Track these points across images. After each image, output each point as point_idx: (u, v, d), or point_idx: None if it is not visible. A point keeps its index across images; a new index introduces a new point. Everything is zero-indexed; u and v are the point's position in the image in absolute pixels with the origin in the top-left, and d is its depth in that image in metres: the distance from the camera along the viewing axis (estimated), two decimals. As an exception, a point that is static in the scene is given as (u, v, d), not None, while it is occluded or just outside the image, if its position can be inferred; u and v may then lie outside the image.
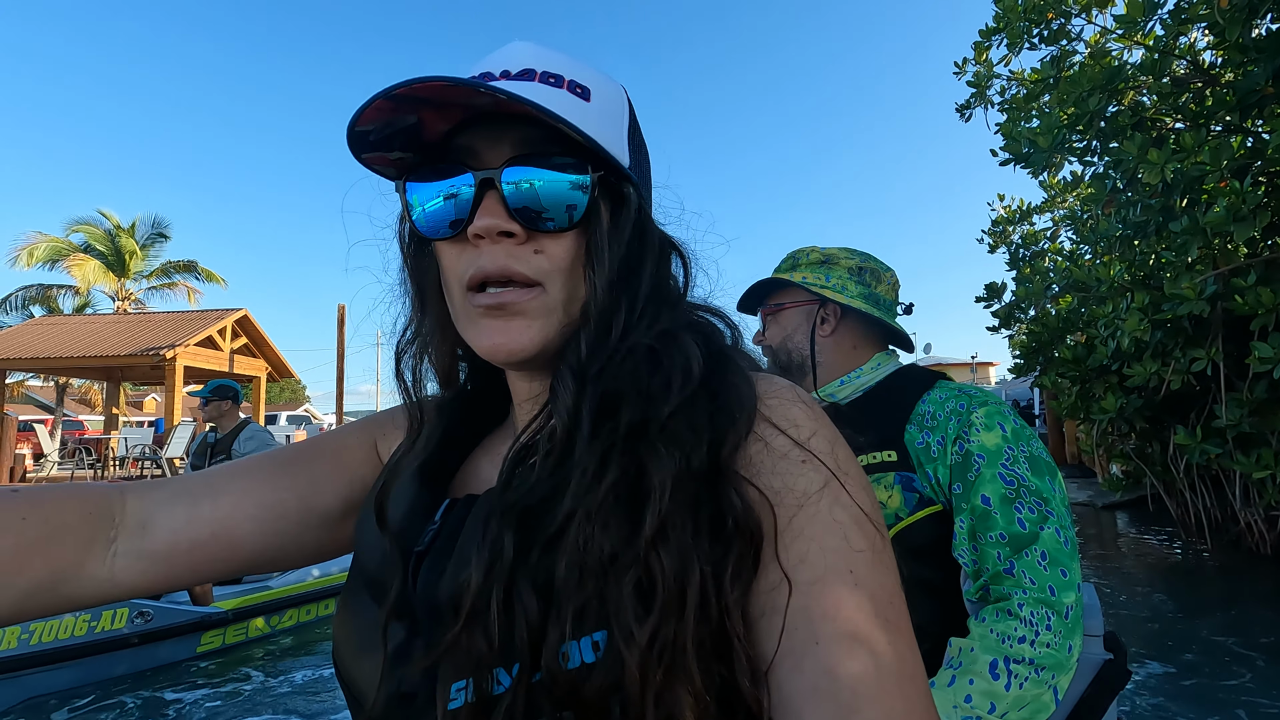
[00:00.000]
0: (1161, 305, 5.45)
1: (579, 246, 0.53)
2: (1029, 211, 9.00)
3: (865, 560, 0.45)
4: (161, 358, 14.28)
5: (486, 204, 0.50)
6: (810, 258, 1.40)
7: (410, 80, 0.47)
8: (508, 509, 0.47)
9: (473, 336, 0.54)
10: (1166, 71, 5.34)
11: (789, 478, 0.47)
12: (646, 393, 0.49)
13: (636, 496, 0.44)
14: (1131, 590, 6.34)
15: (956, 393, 1.21)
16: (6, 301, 21.58)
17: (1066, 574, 1.04)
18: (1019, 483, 1.09)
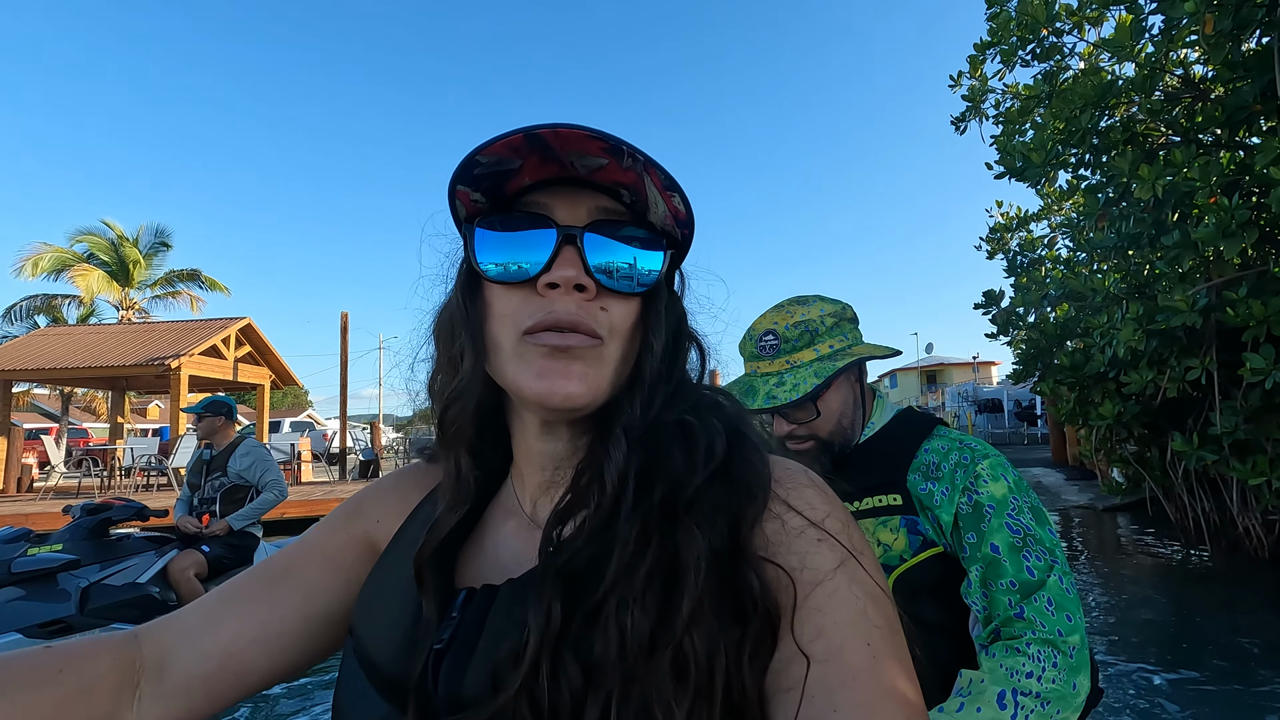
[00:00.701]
0: (1155, 316, 5.51)
1: (639, 313, 0.56)
2: (1026, 219, 9.06)
3: (882, 634, 0.47)
4: (166, 367, 14.31)
5: (566, 256, 0.52)
6: (824, 323, 1.31)
7: (555, 124, 0.49)
8: (556, 576, 0.48)
9: (527, 379, 0.53)
10: (1158, 86, 5.42)
11: (806, 556, 0.49)
12: (678, 467, 0.51)
13: (671, 575, 0.46)
14: (1131, 593, 6.37)
15: (958, 444, 1.24)
16: (11, 311, 21.73)
17: (1072, 619, 1.10)
18: (1025, 532, 1.14)
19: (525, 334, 0.52)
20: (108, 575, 4.05)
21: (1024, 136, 6.60)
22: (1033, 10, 5.78)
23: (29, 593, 3.77)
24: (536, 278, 0.53)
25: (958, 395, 35.77)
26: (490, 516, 0.63)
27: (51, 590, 3.83)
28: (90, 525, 4.18)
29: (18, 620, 3.65)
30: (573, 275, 0.52)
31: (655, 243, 0.56)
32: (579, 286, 0.52)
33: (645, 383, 0.55)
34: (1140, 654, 4.60)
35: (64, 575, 3.91)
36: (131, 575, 4.15)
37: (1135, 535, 9.17)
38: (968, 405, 33.39)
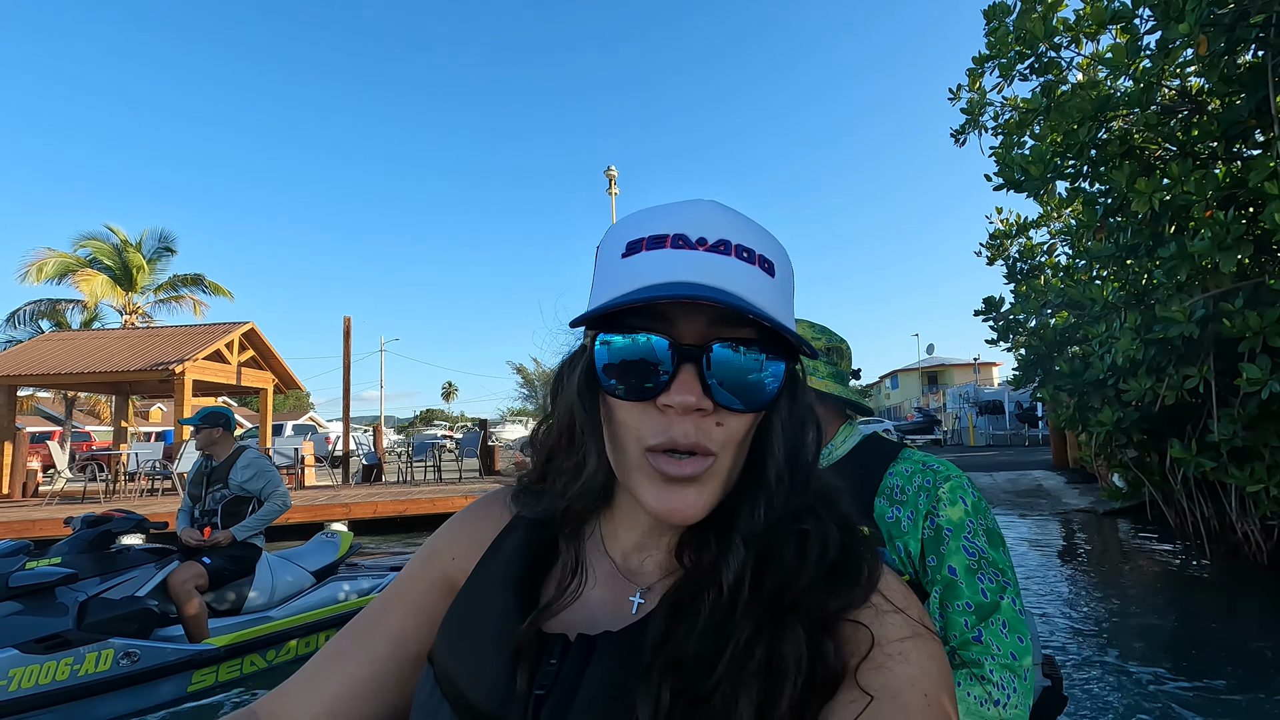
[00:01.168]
0: (1153, 326, 5.56)
1: (755, 422, 0.57)
2: (1026, 225, 9.12)
3: (939, 690, 0.51)
4: (170, 372, 14.36)
5: (685, 378, 0.52)
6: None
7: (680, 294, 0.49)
8: (667, 664, 0.50)
9: (646, 494, 0.54)
10: (1155, 100, 5.48)
11: (884, 626, 0.53)
12: (790, 567, 0.54)
13: (775, 670, 0.50)
14: (1133, 597, 6.40)
15: (921, 467, 1.28)
16: (15, 316, 21.79)
17: (1023, 640, 1.15)
18: (980, 555, 1.18)
19: (647, 450, 0.54)
20: (106, 589, 4.03)
21: (1023, 149, 6.66)
22: (1031, 26, 5.84)
23: (26, 607, 3.77)
24: (656, 394, 0.53)
25: (959, 396, 35.81)
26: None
27: (49, 605, 3.82)
28: (90, 538, 4.15)
29: (15, 635, 3.66)
30: (693, 401, 0.52)
31: (775, 355, 0.55)
32: (697, 408, 0.53)
33: (768, 488, 0.56)
34: (1147, 659, 4.61)
35: (62, 589, 3.89)
36: (130, 588, 4.13)
37: (1135, 539, 9.21)
38: (968, 406, 33.44)
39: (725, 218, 0.56)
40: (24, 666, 3.62)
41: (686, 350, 0.53)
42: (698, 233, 0.54)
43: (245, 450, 4.74)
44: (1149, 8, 4.79)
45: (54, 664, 3.73)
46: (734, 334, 0.54)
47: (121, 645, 3.92)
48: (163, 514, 9.13)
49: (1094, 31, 5.84)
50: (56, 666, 3.74)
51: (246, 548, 4.59)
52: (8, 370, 14.72)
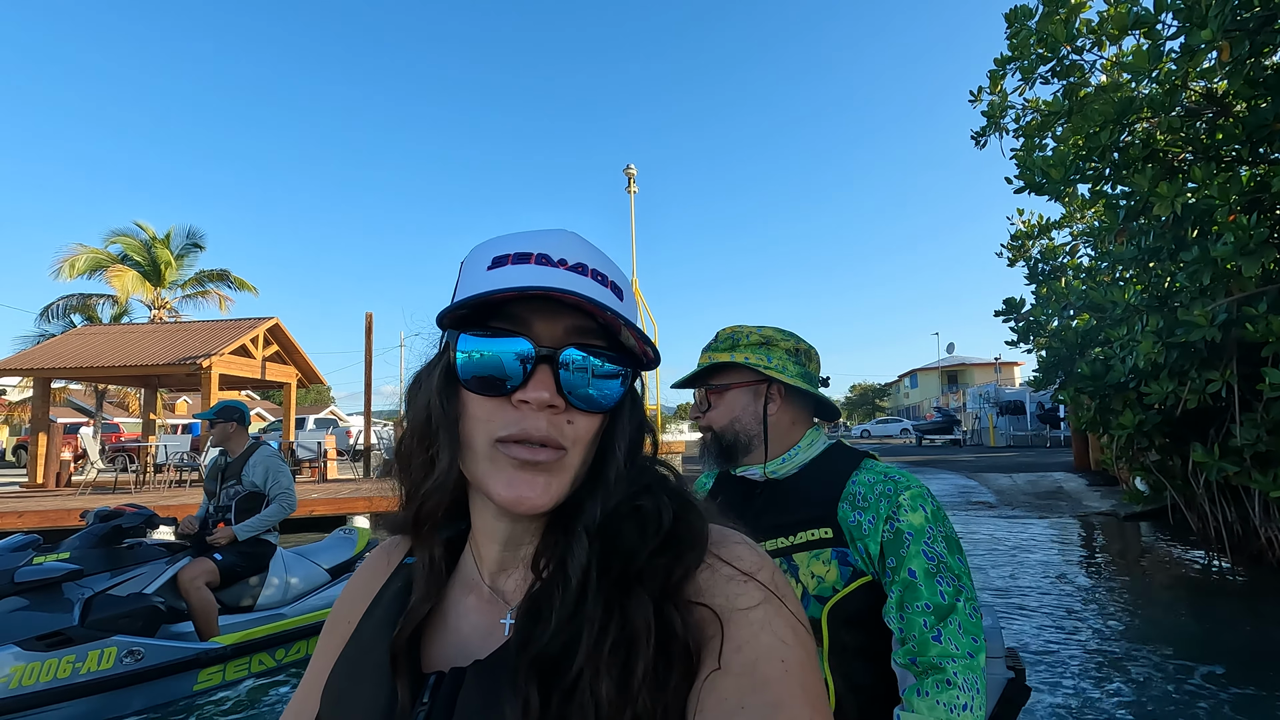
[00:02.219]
0: (1175, 330, 5.53)
1: (602, 423, 0.61)
2: (1048, 226, 9.05)
3: (796, 656, 0.52)
4: (198, 366, 14.68)
5: (541, 376, 0.56)
6: (750, 339, 1.49)
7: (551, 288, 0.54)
8: (530, 665, 0.52)
9: (497, 486, 0.57)
10: (1178, 104, 5.44)
11: (732, 597, 0.55)
12: (631, 544, 0.57)
13: (629, 642, 0.51)
14: (1150, 602, 6.36)
15: (883, 476, 1.34)
16: (49, 311, 22.36)
17: (977, 640, 1.20)
18: (939, 560, 1.24)
19: (498, 441, 0.56)
20: (114, 585, 3.98)
21: (1044, 151, 6.62)
22: (1052, 29, 5.80)
23: (32, 603, 3.72)
24: (511, 391, 0.56)
25: (979, 396, 35.44)
26: (452, 592, 0.65)
27: (55, 601, 3.77)
28: (101, 532, 4.11)
29: (16, 632, 3.60)
30: (546, 398, 0.55)
31: (622, 362, 0.59)
32: (550, 405, 0.56)
33: (608, 485, 0.59)
34: (1168, 665, 4.57)
35: (69, 585, 3.84)
36: (138, 585, 4.09)
37: (1157, 543, 9.12)
38: (989, 407, 33.10)
39: (583, 246, 0.60)
40: (25, 664, 3.55)
41: (544, 351, 0.56)
42: (559, 254, 0.58)
43: (260, 446, 4.71)
44: (1172, 13, 4.77)
45: (55, 662, 3.64)
46: (586, 341, 0.58)
47: (125, 643, 3.86)
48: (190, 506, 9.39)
49: (1116, 36, 5.80)
50: (58, 664, 3.65)
51: (259, 544, 4.56)
52: (43, 363, 15.15)
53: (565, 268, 0.57)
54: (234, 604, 4.46)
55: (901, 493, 1.29)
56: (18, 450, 26.78)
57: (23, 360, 15.57)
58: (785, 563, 1.32)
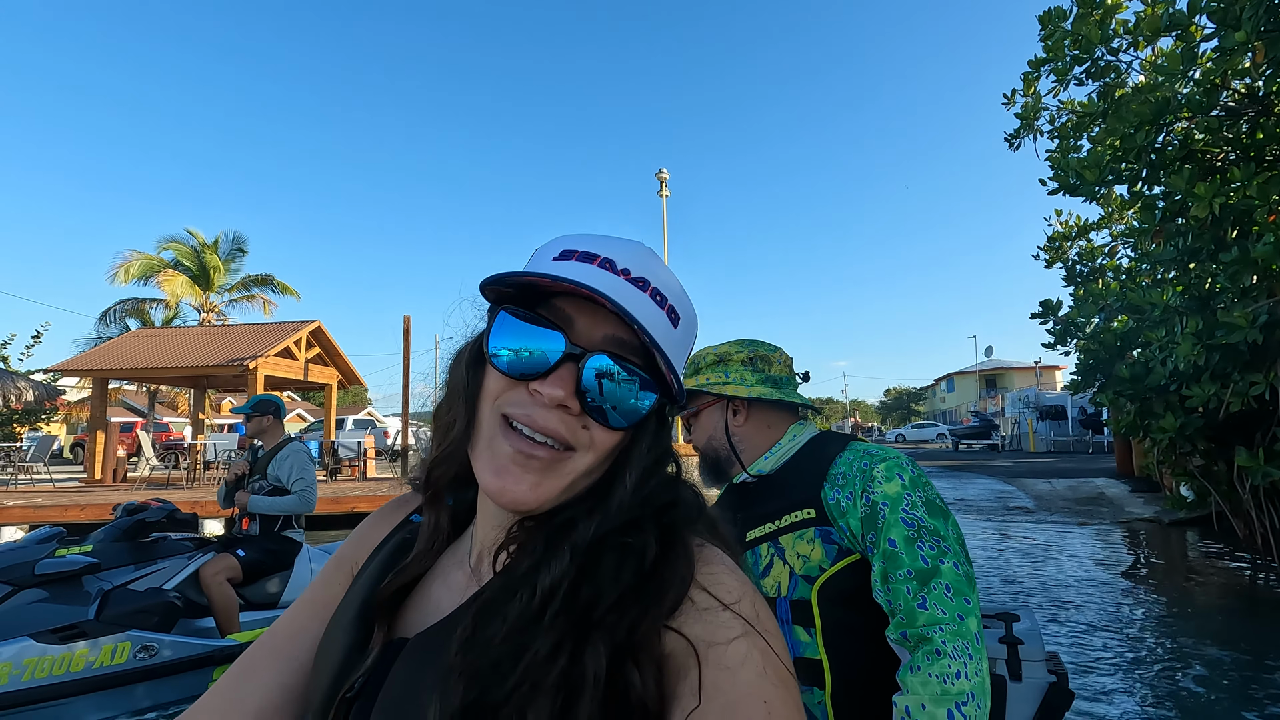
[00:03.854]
0: (1215, 331, 5.45)
1: (619, 442, 0.58)
2: (1086, 228, 8.92)
3: (779, 696, 0.49)
4: (244, 367, 15.19)
5: (562, 373, 0.55)
6: (707, 360, 1.54)
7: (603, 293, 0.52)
8: (468, 666, 0.49)
9: (486, 471, 0.56)
10: (1217, 104, 5.36)
11: (710, 628, 0.51)
12: (605, 580, 0.53)
13: (571, 691, 0.48)
14: (1194, 610, 6.22)
15: (861, 453, 1.34)
16: (106, 315, 23.33)
17: (969, 601, 1.16)
18: (919, 524, 1.22)
19: (504, 417, 0.56)
20: (134, 579, 3.97)
21: (1079, 153, 6.56)
22: (1087, 31, 5.77)
23: (52, 595, 3.70)
24: (531, 380, 0.55)
25: (1018, 401, 34.62)
26: (443, 563, 0.65)
27: (74, 593, 3.75)
28: (125, 526, 4.10)
29: (32, 624, 3.58)
30: (559, 396, 0.54)
31: (651, 385, 0.57)
32: (563, 405, 0.55)
33: (608, 510, 0.57)
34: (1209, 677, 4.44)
35: (89, 578, 3.82)
36: (158, 580, 4.07)
37: (1200, 551, 8.88)
38: (1029, 411, 32.34)
39: (653, 262, 0.59)
40: (38, 656, 3.52)
41: (574, 350, 0.55)
42: (624, 264, 0.57)
43: (290, 443, 4.66)
44: (1206, 15, 4.71)
45: (69, 655, 3.60)
46: (620, 353, 0.56)
47: (139, 638, 3.81)
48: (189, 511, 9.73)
49: (1152, 38, 5.74)
50: (71, 657, 3.61)
51: (284, 541, 4.55)
52: (101, 364, 15.84)
53: (626, 277, 0.56)
54: (258, 600, 4.43)
55: (876, 465, 1.28)
56: (75, 448, 27.96)
57: (83, 361, 16.30)
58: (772, 546, 1.33)
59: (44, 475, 15.33)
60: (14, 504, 9.99)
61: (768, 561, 1.32)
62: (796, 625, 1.26)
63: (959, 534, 1.25)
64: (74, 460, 27.46)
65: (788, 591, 1.28)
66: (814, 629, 1.24)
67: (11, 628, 3.55)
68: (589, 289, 0.52)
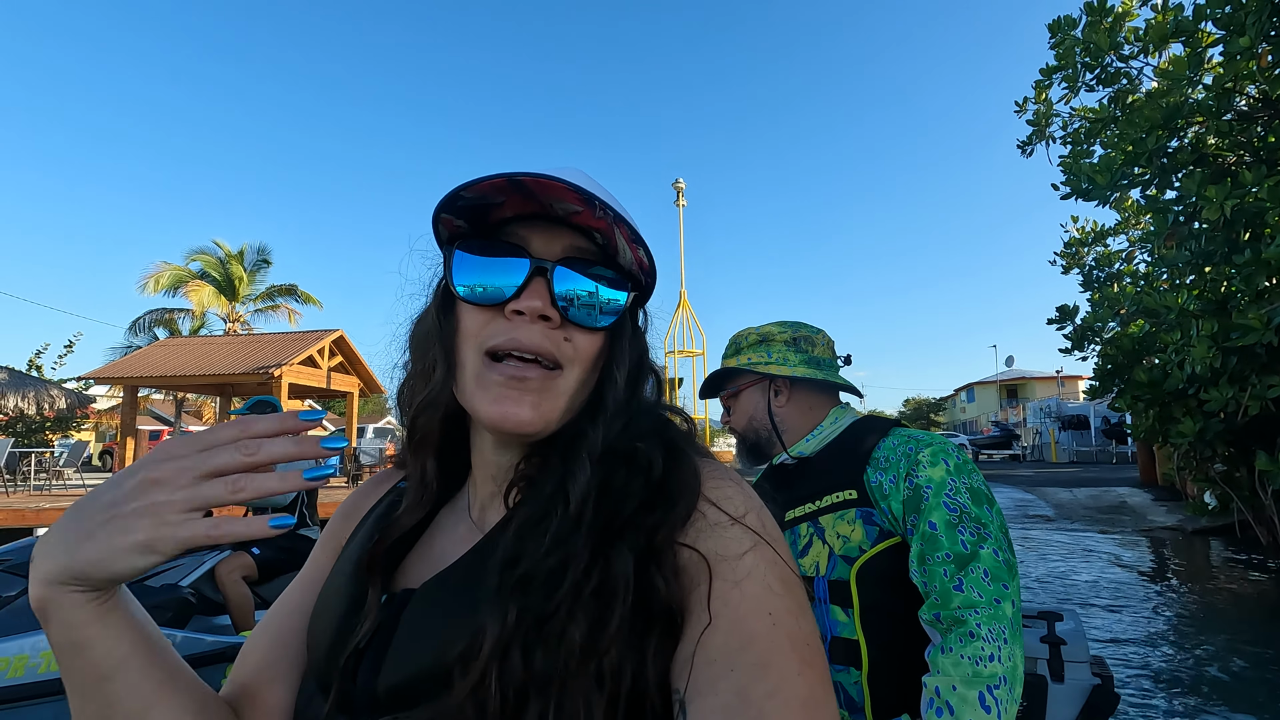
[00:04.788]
0: (1230, 333, 5.45)
1: (603, 345, 0.60)
2: (1103, 234, 8.91)
3: (784, 606, 0.50)
4: (269, 375, 15.52)
5: (535, 287, 0.56)
6: (749, 340, 1.52)
7: (539, 173, 0.53)
8: (519, 581, 0.50)
9: (483, 403, 0.56)
10: (1230, 108, 5.39)
11: (721, 542, 0.53)
12: (621, 489, 0.55)
13: (606, 590, 0.50)
14: (1214, 624, 6.13)
15: (906, 438, 1.32)
16: (135, 324, 23.91)
17: (1007, 588, 1.15)
18: (961, 510, 1.20)
19: (488, 354, 0.56)
20: (150, 575, 3.91)
21: (1091, 158, 6.61)
22: (1096, 38, 5.83)
23: None
24: (505, 303, 0.56)
25: (1040, 411, 34.23)
26: (442, 520, 0.66)
27: None
28: None
29: None
30: (539, 306, 0.55)
31: (621, 283, 0.59)
32: (544, 316, 0.56)
33: (607, 411, 0.59)
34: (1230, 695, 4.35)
35: None
36: (175, 576, 4.12)
37: (1225, 559, 8.77)
38: (1050, 421, 31.97)
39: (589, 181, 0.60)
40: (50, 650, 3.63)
41: (539, 264, 0.56)
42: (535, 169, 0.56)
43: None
44: (1212, 22, 4.77)
45: None
46: (583, 258, 0.58)
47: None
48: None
49: (1160, 44, 5.79)
50: None
51: (299, 540, 4.56)
52: (131, 372, 16.27)
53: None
54: (273, 599, 4.48)
55: (921, 450, 1.27)
56: (103, 455, 28.53)
57: (114, 370, 16.76)
58: (811, 526, 1.32)
59: (76, 481, 15.73)
60: (50, 506, 10.30)
61: (806, 541, 1.32)
62: (834, 605, 1.25)
63: (1002, 523, 1.24)
64: (102, 467, 28.01)
65: (826, 571, 1.27)
66: (851, 609, 1.23)
67: (29, 621, 3.55)
68: (545, 177, 0.53)
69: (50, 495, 13.09)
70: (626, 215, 0.58)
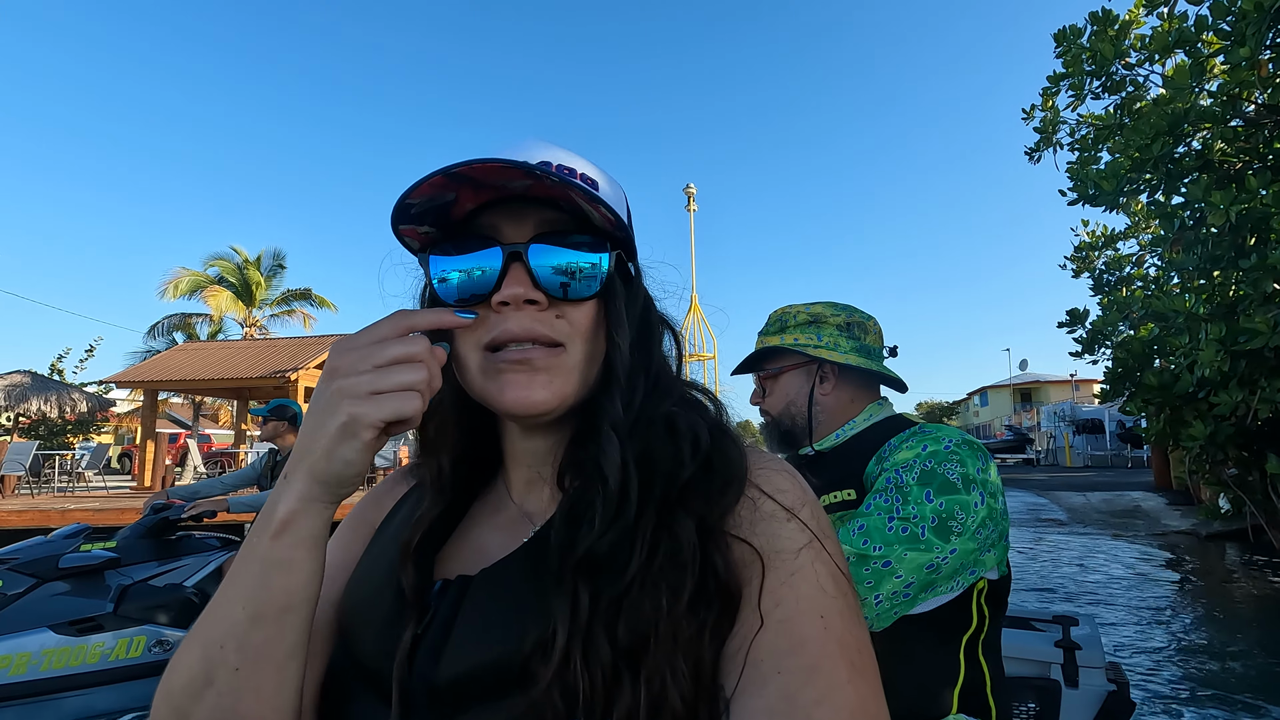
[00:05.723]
0: (1238, 337, 5.49)
1: (599, 313, 0.59)
2: (1113, 237, 8.93)
3: (836, 608, 0.49)
4: (286, 379, 15.76)
5: (514, 274, 0.55)
6: (798, 319, 1.41)
7: (470, 160, 0.51)
8: (580, 565, 0.49)
9: (494, 392, 0.56)
10: (1238, 115, 5.42)
11: (774, 537, 0.52)
12: (668, 460, 0.54)
13: (677, 560, 0.49)
14: (1235, 627, 6.12)
15: (916, 430, 1.25)
16: (154, 329, 24.32)
17: (867, 541, 1.06)
18: (895, 484, 1.13)
19: (487, 349, 0.56)
20: (155, 575, 4.01)
21: (1098, 164, 6.66)
22: (1101, 48, 5.89)
23: (73, 588, 3.76)
24: (489, 296, 0.56)
25: (1054, 415, 33.98)
26: (478, 511, 0.66)
27: (96, 587, 3.80)
28: (150, 524, 4.14)
29: (53, 615, 3.64)
30: (520, 292, 0.55)
31: (599, 245, 0.58)
32: (530, 300, 0.55)
33: (619, 378, 0.58)
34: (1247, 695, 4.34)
35: (111, 573, 3.87)
36: (179, 576, 4.10)
37: (1240, 564, 8.72)
38: (1065, 425, 31.72)
39: (548, 147, 0.59)
40: (56, 647, 3.56)
41: (511, 249, 0.56)
42: (521, 158, 0.55)
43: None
44: (1214, 32, 4.82)
45: (85, 647, 3.62)
46: (555, 230, 0.57)
47: (154, 633, 3.82)
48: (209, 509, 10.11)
49: (1163, 55, 5.85)
50: (88, 649, 3.62)
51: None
52: (151, 376, 16.57)
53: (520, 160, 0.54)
54: None
55: (912, 439, 1.21)
56: (122, 458, 28.98)
57: (134, 373, 17.07)
58: None
59: (98, 483, 16.03)
60: (75, 508, 10.55)
61: None
62: None
63: (945, 510, 1.08)
64: (121, 470, 28.42)
65: None
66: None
67: (33, 619, 3.63)
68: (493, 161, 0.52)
69: (73, 497, 13.38)
70: (576, 176, 0.57)
